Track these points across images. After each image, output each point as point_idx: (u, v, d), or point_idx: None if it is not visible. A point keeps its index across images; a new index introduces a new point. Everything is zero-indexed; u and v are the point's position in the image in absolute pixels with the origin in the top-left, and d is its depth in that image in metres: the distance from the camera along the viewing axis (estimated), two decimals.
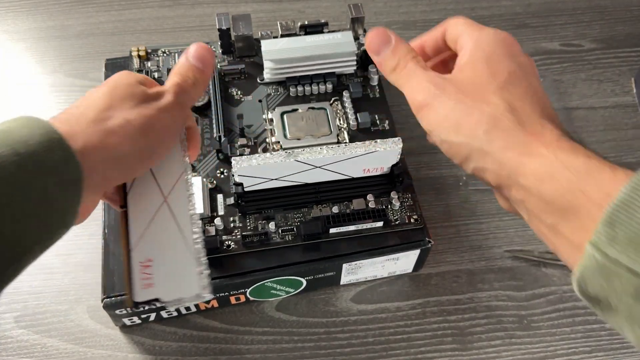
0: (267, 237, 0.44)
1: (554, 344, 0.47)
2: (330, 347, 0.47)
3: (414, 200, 0.47)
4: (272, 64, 0.51)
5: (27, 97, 0.61)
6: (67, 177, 0.27)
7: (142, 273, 0.31)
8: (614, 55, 0.66)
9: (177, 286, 0.31)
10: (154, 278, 0.31)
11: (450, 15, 0.69)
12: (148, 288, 0.30)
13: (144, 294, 0.30)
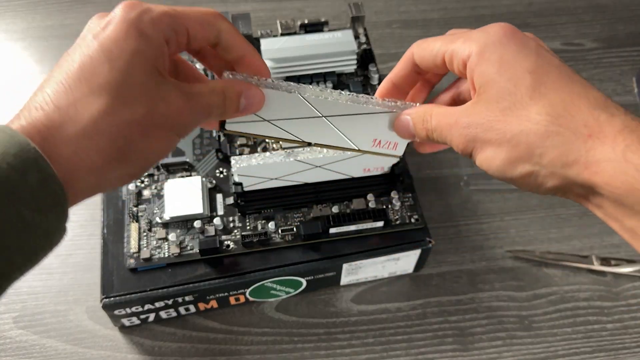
0: (267, 237, 0.44)
1: (555, 344, 0.47)
2: (331, 347, 0.47)
3: (415, 200, 0.47)
4: (272, 63, 0.51)
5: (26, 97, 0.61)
6: (45, 202, 0.25)
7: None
8: (616, 55, 0.66)
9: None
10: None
11: (450, 14, 0.69)
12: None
13: None
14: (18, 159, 0.24)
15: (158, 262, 0.43)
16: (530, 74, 0.27)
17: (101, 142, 0.26)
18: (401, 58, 0.33)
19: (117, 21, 0.27)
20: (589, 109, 0.26)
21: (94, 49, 0.27)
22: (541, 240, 0.52)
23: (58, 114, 0.26)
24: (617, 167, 0.24)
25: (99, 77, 0.26)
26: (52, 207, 0.25)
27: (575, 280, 0.50)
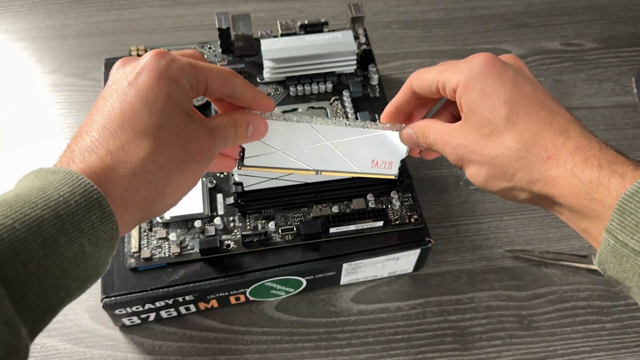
0: (267, 237, 0.44)
1: (555, 343, 0.47)
2: (330, 347, 0.47)
3: (414, 199, 0.47)
4: (272, 63, 0.51)
5: (27, 96, 0.61)
6: (103, 236, 0.28)
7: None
8: (615, 55, 0.66)
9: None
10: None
11: (450, 15, 0.69)
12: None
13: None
14: (84, 199, 0.27)
15: (158, 262, 0.43)
16: (505, 104, 0.32)
17: (148, 180, 0.30)
18: (402, 87, 0.38)
19: (149, 69, 0.30)
20: (551, 135, 0.31)
21: (132, 95, 0.30)
22: (540, 240, 0.52)
23: (110, 157, 0.29)
24: (567, 181, 0.30)
25: (141, 122, 0.30)
26: (106, 241, 0.28)
27: (575, 280, 0.50)
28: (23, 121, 0.59)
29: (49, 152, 0.57)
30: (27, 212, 0.26)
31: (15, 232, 0.25)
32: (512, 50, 0.66)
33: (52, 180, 0.28)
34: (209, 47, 0.55)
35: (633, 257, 0.27)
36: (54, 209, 0.26)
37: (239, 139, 0.35)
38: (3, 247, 0.25)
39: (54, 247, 0.26)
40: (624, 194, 0.27)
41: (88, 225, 0.27)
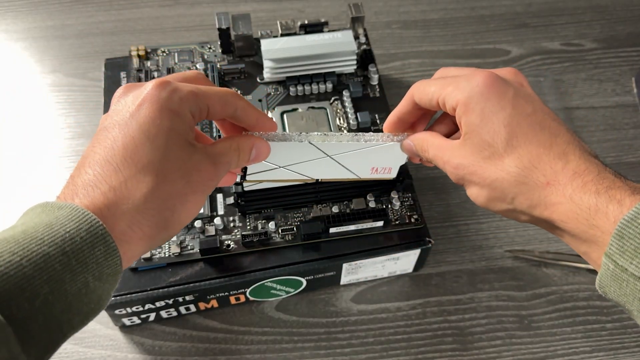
0: (267, 237, 0.44)
1: (555, 343, 0.47)
2: (330, 347, 0.47)
3: (414, 199, 0.47)
4: (272, 63, 0.51)
5: (27, 96, 0.61)
6: (106, 271, 0.28)
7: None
8: (615, 55, 0.66)
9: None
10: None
11: (450, 15, 0.69)
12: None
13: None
14: (89, 235, 0.27)
15: (158, 262, 0.43)
16: (505, 128, 0.32)
17: (151, 215, 0.30)
18: (404, 97, 0.38)
19: (151, 101, 0.30)
20: (550, 159, 0.31)
21: (133, 128, 0.30)
22: (540, 240, 0.52)
23: (113, 193, 0.29)
24: (566, 207, 0.30)
25: (143, 157, 0.30)
26: (110, 276, 0.29)
27: (575, 280, 0.50)
28: (23, 121, 0.59)
29: (49, 152, 0.57)
30: (34, 249, 0.26)
31: (22, 270, 0.26)
32: (512, 51, 0.66)
33: (58, 216, 0.28)
34: (209, 47, 0.55)
35: (632, 282, 0.27)
36: (60, 246, 0.27)
37: (242, 163, 0.35)
38: (10, 284, 0.25)
39: (59, 283, 0.26)
40: (623, 219, 0.27)
41: (93, 261, 0.28)
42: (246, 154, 0.35)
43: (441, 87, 0.35)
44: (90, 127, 0.59)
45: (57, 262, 0.26)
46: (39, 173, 0.56)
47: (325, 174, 0.42)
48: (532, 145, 0.32)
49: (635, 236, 0.27)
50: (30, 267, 0.26)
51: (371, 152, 0.41)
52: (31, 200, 0.55)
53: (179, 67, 0.53)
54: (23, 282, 0.25)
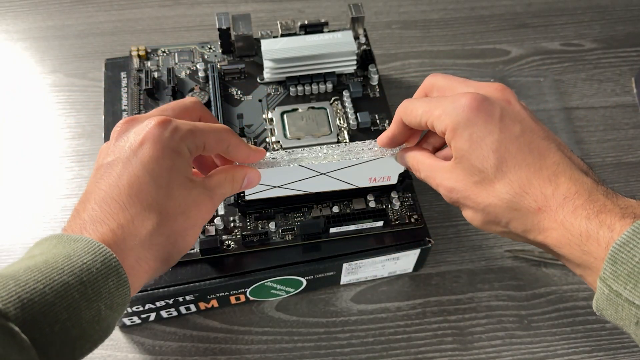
0: (267, 237, 0.44)
1: (554, 343, 0.47)
2: (330, 347, 0.47)
3: (414, 199, 0.47)
4: (272, 63, 0.51)
5: (27, 96, 0.61)
6: (117, 301, 0.30)
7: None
8: (615, 55, 0.66)
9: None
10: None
11: (450, 15, 0.69)
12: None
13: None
14: (104, 266, 0.30)
15: None
16: (493, 153, 0.32)
17: (155, 250, 0.33)
18: (394, 118, 0.39)
19: (153, 140, 0.33)
20: (540, 183, 0.32)
21: (137, 167, 0.32)
22: None
23: (121, 231, 0.31)
24: (558, 233, 0.31)
25: (148, 196, 0.32)
26: (120, 305, 0.31)
27: (574, 280, 0.50)
28: (23, 121, 0.59)
29: (49, 152, 0.57)
30: (55, 278, 0.28)
31: (45, 297, 0.27)
32: (512, 51, 0.66)
33: (75, 248, 0.30)
34: (209, 47, 0.55)
35: (627, 307, 0.27)
36: (78, 276, 0.29)
37: (235, 191, 0.38)
38: (34, 310, 0.27)
39: (77, 310, 0.28)
40: (615, 244, 0.27)
41: (106, 291, 0.30)
42: (239, 183, 0.38)
43: (428, 110, 0.35)
44: (90, 127, 0.59)
45: (76, 291, 0.28)
46: (39, 173, 0.56)
47: (322, 188, 0.43)
48: (522, 169, 0.32)
49: (627, 261, 0.27)
50: (52, 294, 0.28)
51: (365, 165, 0.41)
52: (31, 201, 0.55)
53: (179, 67, 0.54)
54: (46, 309, 0.27)
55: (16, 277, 0.28)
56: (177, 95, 0.51)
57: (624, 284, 0.27)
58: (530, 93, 0.62)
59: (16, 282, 0.27)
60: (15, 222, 0.53)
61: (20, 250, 0.51)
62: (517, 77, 0.63)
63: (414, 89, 0.61)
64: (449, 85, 0.37)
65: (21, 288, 0.27)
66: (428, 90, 0.38)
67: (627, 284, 0.27)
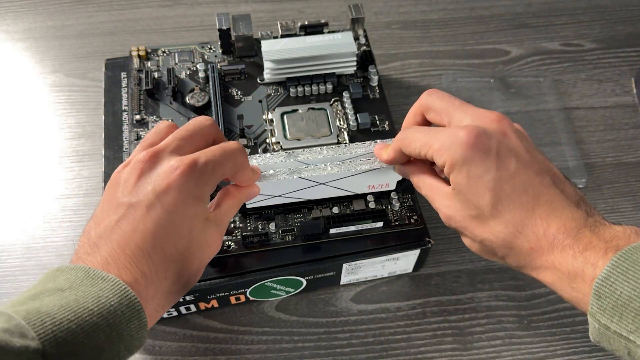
0: (267, 238, 0.44)
1: (554, 343, 0.47)
2: (330, 347, 0.47)
3: (414, 200, 0.47)
4: (272, 64, 0.51)
5: (27, 97, 0.61)
6: (135, 343, 0.31)
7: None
8: (614, 55, 0.66)
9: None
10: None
11: (450, 15, 0.69)
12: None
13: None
14: (129, 310, 0.30)
15: None
16: (489, 192, 0.33)
17: (174, 298, 0.35)
18: (391, 147, 0.39)
19: (179, 189, 0.33)
20: (533, 225, 0.33)
21: (162, 216, 0.33)
22: None
23: (144, 280, 0.32)
24: (549, 273, 0.33)
25: (171, 245, 0.33)
26: (136, 347, 0.32)
27: None
28: (23, 121, 0.59)
29: (49, 152, 0.57)
30: (87, 319, 0.29)
31: (77, 337, 0.28)
32: (511, 51, 0.66)
33: (103, 289, 0.30)
34: (209, 47, 0.55)
35: (617, 339, 0.28)
36: (106, 318, 0.29)
37: (238, 209, 0.40)
38: (67, 350, 0.28)
39: (100, 350, 0.29)
40: (597, 279, 0.29)
41: (127, 334, 0.30)
42: (242, 202, 0.40)
43: (426, 143, 0.36)
44: (90, 127, 0.59)
45: (102, 333, 0.29)
46: (39, 173, 0.56)
47: (322, 195, 0.44)
48: (516, 210, 0.33)
49: (610, 294, 0.28)
50: (82, 335, 0.28)
51: (364, 175, 0.42)
52: (31, 201, 0.55)
53: (179, 68, 0.54)
54: (76, 349, 0.28)
55: (51, 314, 0.28)
56: (177, 96, 0.52)
57: (610, 317, 0.28)
58: (530, 93, 0.62)
59: (52, 320, 0.28)
60: (15, 222, 0.53)
61: (20, 250, 0.51)
62: (517, 77, 0.63)
63: (414, 89, 0.62)
64: (445, 110, 0.37)
65: (57, 327, 0.28)
66: (424, 109, 0.39)
67: (612, 317, 0.28)
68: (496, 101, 0.61)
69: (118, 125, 0.51)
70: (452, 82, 0.63)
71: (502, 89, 0.62)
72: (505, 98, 0.62)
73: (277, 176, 0.41)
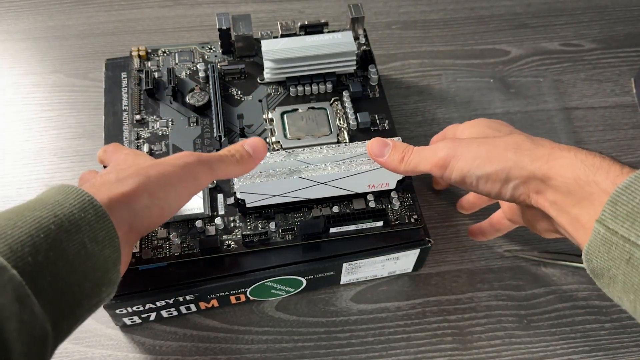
0: (267, 237, 0.44)
1: (554, 343, 0.47)
2: (330, 346, 0.47)
3: (414, 200, 0.47)
4: (272, 64, 0.51)
5: (28, 97, 0.61)
6: (101, 234, 0.31)
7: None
8: (614, 55, 0.66)
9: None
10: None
11: (450, 15, 0.70)
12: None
13: None
14: (77, 201, 0.31)
15: (159, 262, 0.43)
16: (507, 130, 0.39)
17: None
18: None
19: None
20: (553, 143, 0.35)
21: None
22: (540, 240, 0.53)
23: (100, 177, 0.35)
24: (568, 161, 0.32)
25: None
26: (106, 239, 0.31)
27: (574, 280, 0.50)
28: (24, 121, 0.59)
29: (49, 153, 0.57)
30: (27, 214, 0.29)
31: (19, 229, 0.28)
32: (511, 51, 0.66)
33: (47, 192, 0.31)
34: (210, 47, 0.55)
35: (622, 244, 0.28)
36: (51, 210, 0.29)
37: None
38: (9, 240, 0.27)
39: (56, 241, 0.29)
40: (617, 187, 0.29)
41: (85, 224, 0.30)
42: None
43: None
44: (90, 127, 0.59)
45: (51, 223, 0.29)
46: (39, 173, 0.56)
47: (322, 195, 0.45)
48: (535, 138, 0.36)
49: (628, 202, 0.28)
50: (25, 227, 0.28)
51: (364, 174, 0.42)
52: None
53: (179, 68, 0.54)
54: (23, 238, 0.28)
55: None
56: (177, 95, 0.52)
57: (621, 223, 0.28)
58: (530, 93, 0.62)
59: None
60: None
61: None
62: (517, 77, 0.63)
63: (414, 89, 0.62)
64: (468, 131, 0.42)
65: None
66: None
67: (624, 222, 0.28)
68: (496, 101, 0.61)
69: (118, 125, 0.51)
70: (451, 82, 0.63)
71: (501, 89, 0.62)
72: (505, 98, 0.62)
73: (277, 176, 0.41)
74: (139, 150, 0.42)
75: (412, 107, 0.61)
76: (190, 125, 0.50)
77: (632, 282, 0.28)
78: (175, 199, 0.36)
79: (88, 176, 0.40)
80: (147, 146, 0.48)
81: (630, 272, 0.28)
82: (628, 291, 0.29)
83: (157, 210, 0.35)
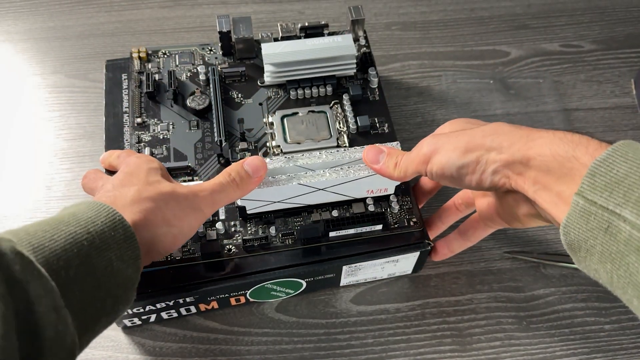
0: (268, 242, 0.44)
1: (553, 345, 0.48)
2: (330, 348, 0.47)
3: (413, 203, 0.47)
4: (272, 67, 0.51)
5: (28, 97, 0.61)
6: (127, 253, 0.33)
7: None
8: (614, 57, 0.66)
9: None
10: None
11: (450, 16, 0.69)
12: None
13: None
14: (108, 220, 0.32)
15: (160, 265, 0.43)
16: (485, 124, 0.37)
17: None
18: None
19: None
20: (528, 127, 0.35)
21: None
22: (539, 241, 0.53)
23: (112, 192, 0.37)
24: (547, 141, 0.32)
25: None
26: (131, 259, 0.33)
27: (573, 282, 0.51)
28: (24, 122, 0.60)
29: (49, 153, 0.57)
30: (62, 229, 0.31)
31: (55, 242, 0.30)
32: (511, 52, 0.66)
33: (79, 207, 0.33)
34: (210, 48, 0.56)
35: (600, 214, 0.28)
36: (84, 227, 0.31)
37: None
38: (46, 253, 0.29)
39: (87, 257, 0.30)
40: (595, 160, 0.29)
41: (114, 242, 0.32)
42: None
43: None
44: (90, 128, 0.59)
45: (84, 239, 0.31)
46: (39, 174, 0.56)
47: (321, 200, 0.45)
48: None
49: (605, 174, 0.29)
50: (61, 240, 0.30)
51: (363, 180, 0.43)
52: (32, 202, 0.55)
53: (179, 70, 0.54)
54: (58, 252, 0.29)
55: (25, 229, 0.30)
56: (178, 98, 0.52)
57: (600, 193, 0.29)
58: (530, 94, 0.62)
59: (26, 232, 0.30)
60: (15, 223, 0.53)
61: None
62: (517, 78, 0.63)
63: (414, 90, 0.62)
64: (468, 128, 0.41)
65: (31, 236, 0.29)
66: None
67: (603, 192, 0.29)
68: (496, 102, 0.61)
69: (119, 127, 0.51)
70: (451, 83, 0.63)
71: (501, 90, 0.62)
72: (505, 99, 0.62)
73: (276, 183, 0.41)
74: (150, 156, 0.44)
75: (411, 108, 0.61)
76: (191, 129, 0.50)
77: (609, 251, 0.29)
78: (188, 228, 0.38)
79: (94, 176, 0.42)
80: (148, 150, 0.48)
81: (608, 241, 0.28)
82: (605, 261, 0.29)
83: (170, 238, 0.37)
